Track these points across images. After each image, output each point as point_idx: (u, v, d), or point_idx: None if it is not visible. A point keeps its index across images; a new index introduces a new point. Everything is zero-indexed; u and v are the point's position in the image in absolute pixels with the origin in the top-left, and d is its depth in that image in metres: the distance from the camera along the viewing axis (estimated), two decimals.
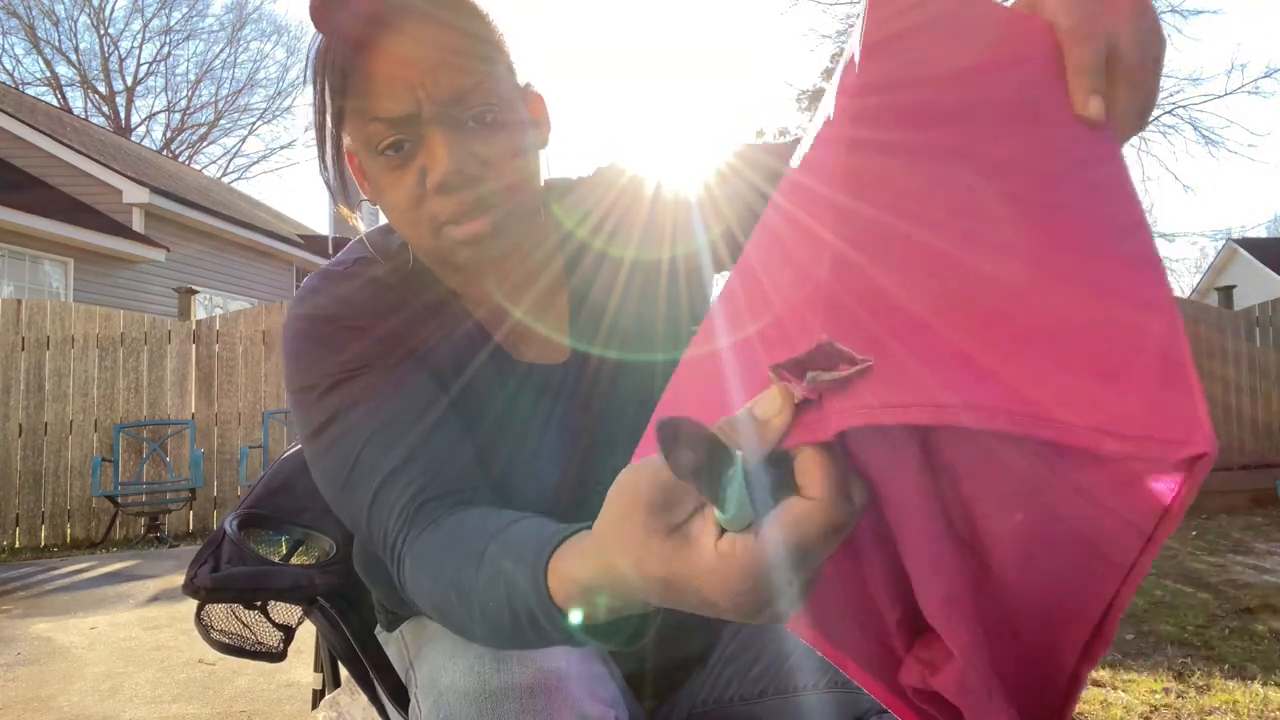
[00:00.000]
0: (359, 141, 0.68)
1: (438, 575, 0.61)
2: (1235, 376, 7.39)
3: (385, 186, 0.69)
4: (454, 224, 0.68)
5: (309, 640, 1.15)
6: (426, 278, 0.78)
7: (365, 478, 0.68)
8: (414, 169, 0.67)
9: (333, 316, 0.73)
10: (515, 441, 0.78)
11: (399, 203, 0.69)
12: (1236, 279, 14.93)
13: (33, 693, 2.75)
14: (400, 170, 0.67)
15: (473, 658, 0.63)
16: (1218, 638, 2.95)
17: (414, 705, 0.68)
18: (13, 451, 5.99)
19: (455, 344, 0.76)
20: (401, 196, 0.68)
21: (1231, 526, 5.24)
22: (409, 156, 0.67)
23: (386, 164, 0.68)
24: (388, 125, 0.66)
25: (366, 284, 0.75)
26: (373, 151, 0.68)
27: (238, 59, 26.69)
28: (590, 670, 0.65)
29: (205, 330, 6.39)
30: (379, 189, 0.71)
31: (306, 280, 0.78)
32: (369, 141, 0.67)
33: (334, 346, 0.72)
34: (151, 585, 4.42)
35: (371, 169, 0.70)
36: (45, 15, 23.28)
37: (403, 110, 0.65)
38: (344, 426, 0.70)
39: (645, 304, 0.83)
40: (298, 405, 0.73)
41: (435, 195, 0.67)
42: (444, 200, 0.67)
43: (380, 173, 0.69)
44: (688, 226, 0.84)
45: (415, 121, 0.66)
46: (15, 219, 8.27)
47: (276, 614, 1.03)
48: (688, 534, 0.40)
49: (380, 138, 0.67)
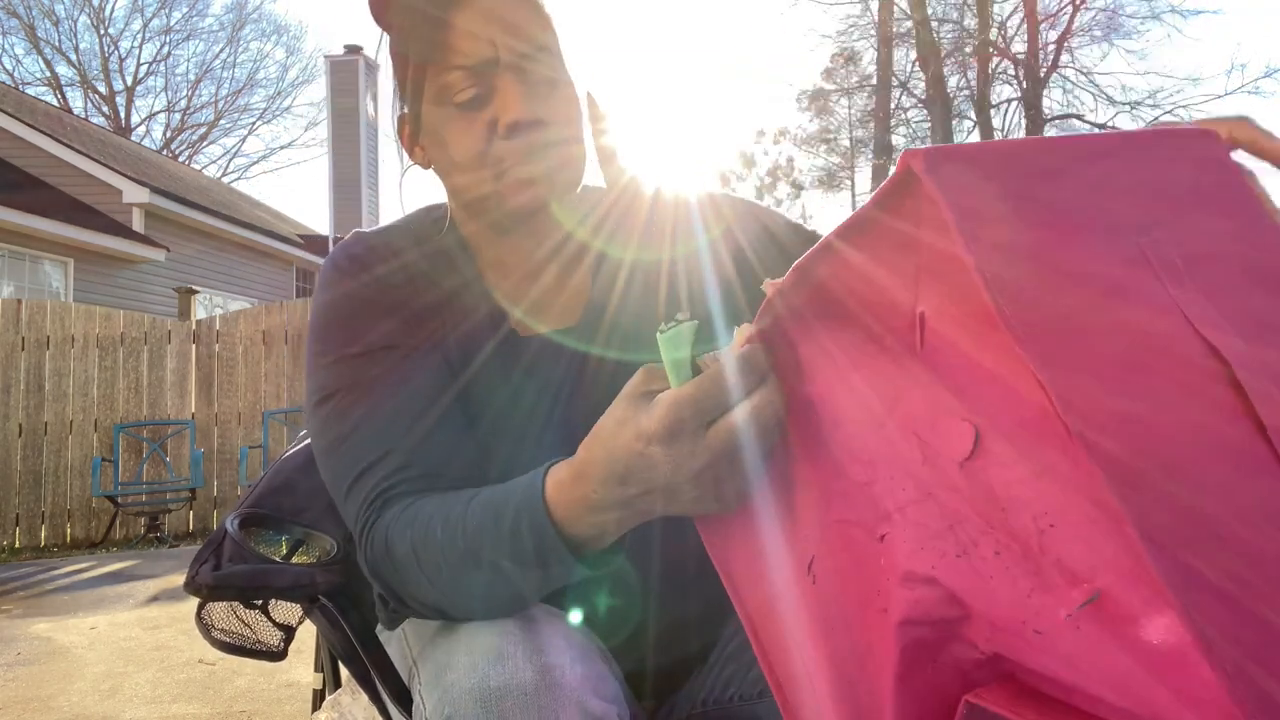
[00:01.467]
0: (431, 93, 0.74)
1: (418, 518, 0.67)
2: None
3: (452, 136, 0.74)
4: (518, 166, 0.73)
5: (309, 640, 1.15)
6: (458, 258, 0.82)
7: (351, 454, 0.73)
8: (484, 119, 0.73)
9: (364, 296, 0.78)
10: (515, 442, 0.79)
11: (465, 151, 0.74)
12: None
13: (33, 693, 2.75)
14: (470, 119, 0.73)
15: (477, 655, 0.64)
16: None
17: (417, 702, 0.68)
18: (13, 451, 5.99)
19: (473, 328, 0.80)
20: (470, 143, 0.73)
21: None
22: (481, 105, 0.73)
23: (458, 114, 0.73)
24: (466, 73, 0.72)
25: (401, 267, 0.80)
26: (445, 102, 0.74)
27: (238, 59, 26.72)
28: (592, 670, 0.66)
29: (205, 330, 6.39)
30: (442, 142, 0.75)
31: (345, 245, 0.82)
32: (443, 92, 0.73)
33: (358, 321, 0.77)
34: (151, 585, 4.42)
35: (438, 121, 0.75)
36: (45, 15, 23.28)
37: (482, 56, 0.71)
38: (346, 402, 0.75)
39: (647, 302, 0.84)
40: (311, 364, 0.79)
41: (504, 139, 0.72)
42: (511, 144, 0.72)
43: (448, 123, 0.74)
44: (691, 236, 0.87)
45: (492, 68, 0.72)
46: (15, 219, 8.27)
47: (277, 613, 1.03)
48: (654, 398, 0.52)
49: (457, 87, 0.72)
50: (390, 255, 0.80)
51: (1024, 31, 16.01)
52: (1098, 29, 15.74)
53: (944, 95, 15.41)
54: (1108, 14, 15.56)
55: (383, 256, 0.80)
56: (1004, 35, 16.19)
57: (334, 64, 13.75)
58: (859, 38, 16.96)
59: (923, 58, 15.32)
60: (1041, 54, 15.88)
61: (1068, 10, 15.55)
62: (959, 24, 16.12)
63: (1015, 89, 16.41)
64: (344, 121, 13.63)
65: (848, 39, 17.02)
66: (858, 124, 18.41)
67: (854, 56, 17.27)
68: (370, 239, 0.82)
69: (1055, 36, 15.80)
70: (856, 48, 17.17)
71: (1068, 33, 15.66)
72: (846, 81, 17.72)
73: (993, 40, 15.74)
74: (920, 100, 16.29)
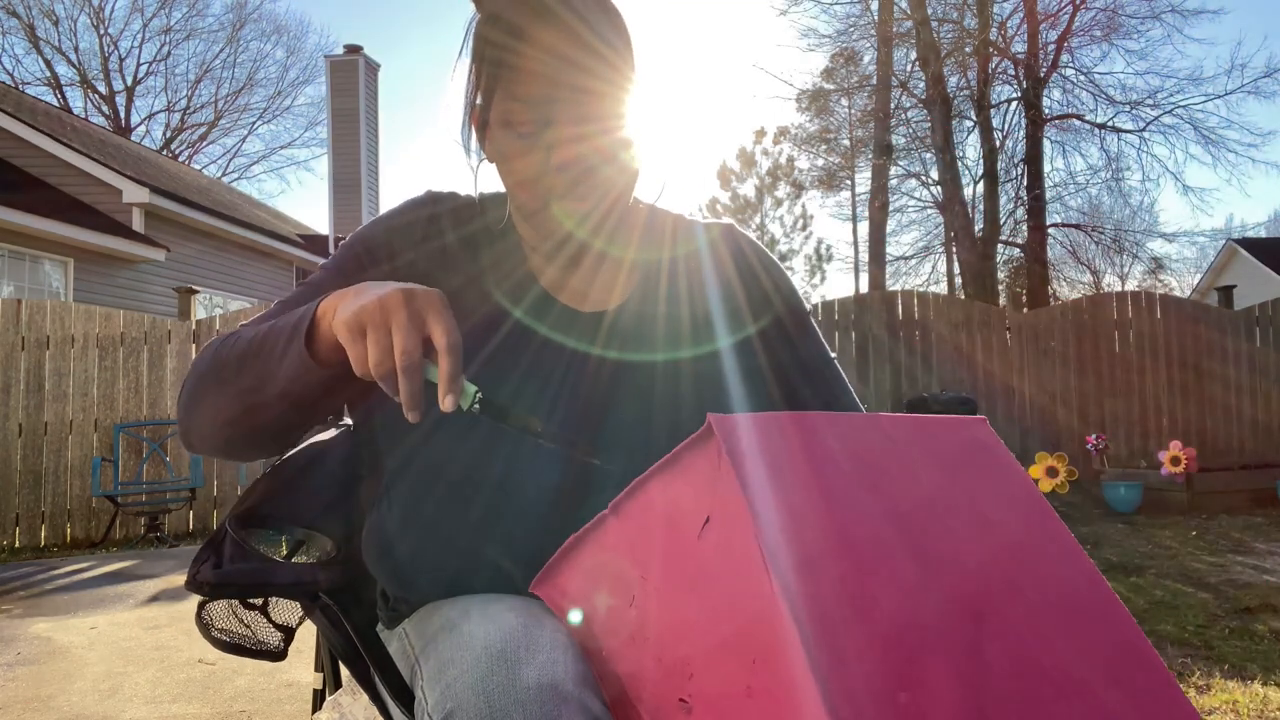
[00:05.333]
0: (498, 113, 0.79)
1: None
2: (1235, 376, 7.39)
3: (511, 156, 0.80)
4: (564, 200, 0.80)
5: (309, 640, 1.15)
6: (510, 236, 0.90)
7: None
8: (540, 147, 0.78)
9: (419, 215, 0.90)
10: (517, 440, 0.79)
11: (521, 173, 0.80)
12: (1236, 279, 14.93)
13: (33, 692, 2.75)
14: (528, 146, 0.78)
15: (479, 652, 0.64)
16: (1218, 638, 2.95)
17: (420, 699, 0.68)
18: (13, 451, 5.99)
19: (508, 289, 0.89)
20: (524, 168, 0.80)
21: (1231, 526, 5.24)
22: (538, 136, 0.78)
23: (517, 138, 0.79)
24: (526, 107, 0.77)
25: (462, 226, 0.90)
26: (508, 124, 0.79)
27: (238, 59, 26.70)
28: (592, 669, 0.66)
29: (205, 330, 6.39)
30: (504, 156, 0.82)
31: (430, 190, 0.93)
32: (506, 117, 0.78)
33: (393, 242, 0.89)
34: (151, 585, 4.42)
35: (501, 140, 0.80)
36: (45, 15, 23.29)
37: (543, 95, 0.76)
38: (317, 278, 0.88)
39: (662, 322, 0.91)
40: (340, 247, 0.91)
41: (555, 173, 0.78)
42: (562, 179, 0.79)
43: (509, 144, 0.80)
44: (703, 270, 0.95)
45: (551, 106, 0.77)
46: (15, 219, 8.27)
47: (277, 614, 1.03)
48: None
49: (517, 116, 0.78)
50: (465, 205, 0.92)
51: (1024, 31, 16.02)
52: (1098, 29, 15.75)
53: (944, 95, 15.41)
54: (1108, 14, 15.56)
55: (462, 202, 0.92)
56: (1004, 35, 16.18)
57: (334, 64, 13.74)
58: (859, 38, 16.98)
59: (923, 58, 15.31)
60: (1041, 54, 15.88)
61: (1068, 10, 15.57)
62: (959, 24, 16.11)
63: (1015, 89, 16.42)
64: (344, 121, 13.62)
65: (848, 39, 17.03)
66: (858, 124, 18.41)
67: (854, 56, 17.28)
68: (458, 195, 0.93)
69: (1055, 36, 15.81)
70: (856, 48, 17.19)
71: (1068, 33, 15.67)
72: (846, 81, 17.73)
73: (993, 40, 15.74)
74: (920, 100, 16.28)
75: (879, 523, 0.56)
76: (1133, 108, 16.04)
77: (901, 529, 0.56)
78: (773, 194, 19.24)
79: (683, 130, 4.09)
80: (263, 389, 0.77)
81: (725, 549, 0.55)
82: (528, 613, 0.71)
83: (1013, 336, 7.33)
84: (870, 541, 0.55)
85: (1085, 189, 18.21)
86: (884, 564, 0.54)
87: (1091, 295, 7.87)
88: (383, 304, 0.68)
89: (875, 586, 0.52)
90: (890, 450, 0.62)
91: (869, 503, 0.57)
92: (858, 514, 0.56)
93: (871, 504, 0.57)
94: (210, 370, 0.81)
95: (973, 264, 15.17)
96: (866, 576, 0.52)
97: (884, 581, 0.53)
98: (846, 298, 7.39)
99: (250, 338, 0.79)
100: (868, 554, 0.54)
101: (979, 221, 15.99)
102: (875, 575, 0.53)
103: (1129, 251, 18.35)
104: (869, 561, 0.53)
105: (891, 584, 0.53)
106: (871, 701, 0.46)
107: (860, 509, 0.56)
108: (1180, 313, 7.47)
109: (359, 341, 0.68)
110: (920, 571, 0.55)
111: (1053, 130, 16.82)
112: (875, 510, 0.57)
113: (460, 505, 0.82)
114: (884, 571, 0.53)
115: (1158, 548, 4.63)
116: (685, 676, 0.57)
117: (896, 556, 0.55)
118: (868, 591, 0.52)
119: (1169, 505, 5.90)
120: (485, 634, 0.66)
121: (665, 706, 0.59)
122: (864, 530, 0.55)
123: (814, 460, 0.58)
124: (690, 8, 31.93)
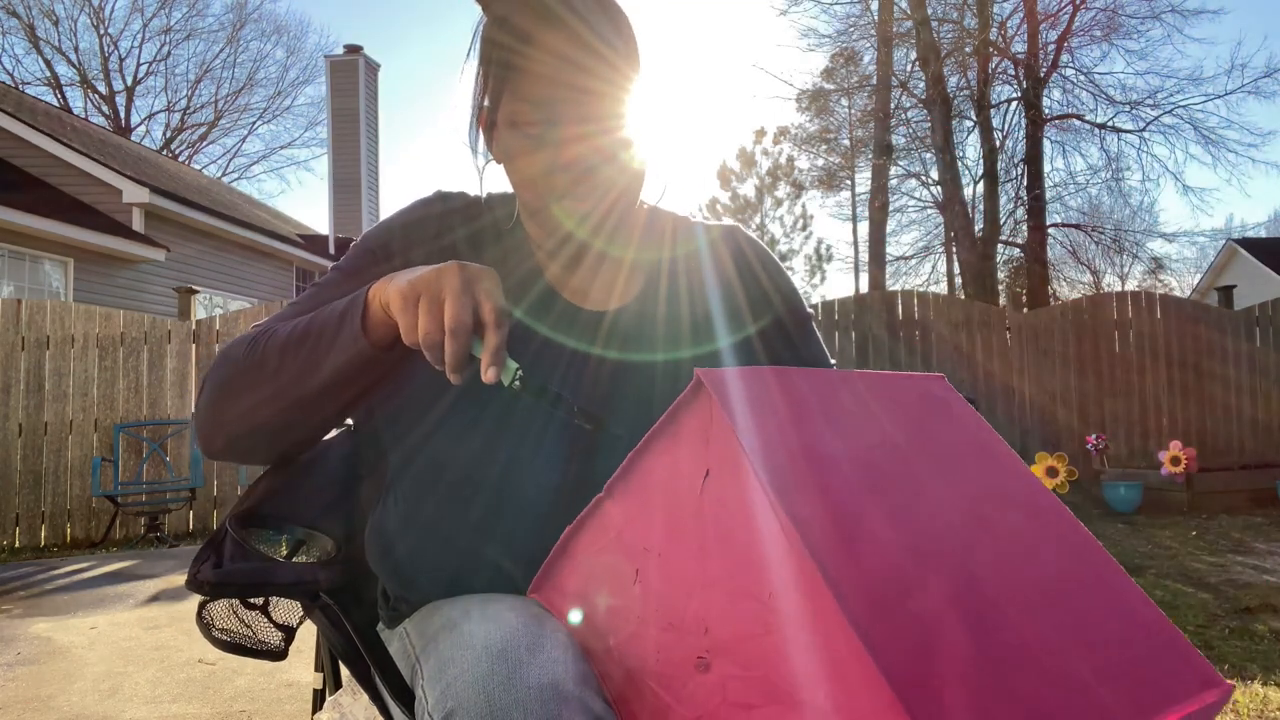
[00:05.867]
0: (504, 114, 0.81)
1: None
2: (1235, 376, 7.39)
3: (517, 155, 0.82)
4: (567, 199, 0.81)
5: (309, 640, 1.15)
6: (521, 245, 0.91)
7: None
8: (546, 147, 0.80)
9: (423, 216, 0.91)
10: (517, 440, 0.79)
11: (527, 172, 0.82)
12: (1236, 279, 14.93)
13: (33, 692, 2.75)
14: (535, 146, 0.80)
15: (479, 651, 0.64)
16: (1218, 638, 2.95)
17: (420, 698, 0.68)
18: (13, 451, 5.99)
19: (512, 284, 0.89)
20: (530, 168, 0.81)
21: (1231, 526, 5.24)
22: (543, 137, 0.79)
23: (524, 138, 0.80)
24: (532, 107, 0.78)
25: (470, 223, 0.92)
26: (515, 125, 0.80)
27: (238, 59, 26.71)
28: (593, 669, 0.66)
29: (205, 330, 6.39)
30: (510, 156, 0.83)
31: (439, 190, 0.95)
32: (512, 117, 0.80)
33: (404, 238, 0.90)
34: (151, 585, 4.42)
35: (508, 140, 0.82)
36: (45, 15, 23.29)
37: (549, 97, 0.78)
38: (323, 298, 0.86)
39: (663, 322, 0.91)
40: (350, 249, 0.92)
41: (559, 173, 0.80)
42: (564, 178, 0.80)
43: (516, 143, 0.81)
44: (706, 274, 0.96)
45: (554, 107, 0.78)
46: (15, 219, 8.27)
47: (277, 613, 1.03)
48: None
49: (523, 116, 0.79)
50: (472, 203, 0.93)
51: (1024, 31, 16.01)
52: (1098, 29, 15.74)
53: (944, 95, 15.40)
54: (1108, 14, 15.56)
55: (470, 201, 0.93)
56: (1004, 35, 16.18)
57: (334, 64, 13.75)
58: (859, 38, 16.98)
59: (923, 58, 15.31)
60: (1041, 54, 15.88)
61: (1068, 10, 15.56)
62: (959, 24, 16.11)
63: (1015, 89, 16.41)
64: (344, 121, 13.63)
65: (848, 39, 17.03)
66: (858, 124, 18.42)
67: (854, 56, 17.28)
68: (465, 195, 0.95)
69: (1055, 36, 15.81)
70: (856, 48, 17.19)
71: (1068, 33, 15.67)
72: (846, 81, 17.73)
73: (993, 40, 15.74)
74: (920, 100, 16.28)
75: (855, 463, 0.61)
76: (1133, 108, 16.05)
77: (873, 468, 0.62)
78: (773, 194, 19.25)
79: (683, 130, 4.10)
80: (304, 380, 0.77)
81: (728, 497, 0.58)
82: (528, 612, 0.71)
83: (1013, 336, 7.33)
84: (857, 472, 0.60)
85: (1085, 189, 18.23)
86: (870, 496, 0.59)
87: (1091, 295, 7.87)
88: (439, 274, 0.70)
89: (869, 515, 0.57)
90: (857, 401, 0.68)
91: (842, 447, 0.62)
92: (836, 457, 0.61)
93: (843, 448, 0.62)
94: (244, 369, 0.81)
95: (973, 264, 15.17)
96: (860, 505, 0.57)
97: (875, 509, 0.58)
98: (846, 298, 7.39)
99: (289, 331, 0.80)
100: (858, 486, 0.59)
101: (979, 221, 15.99)
102: (867, 505, 0.58)
103: (1129, 251, 18.37)
104: (859, 493, 0.59)
105: (880, 513, 0.58)
106: (885, 609, 0.51)
107: (837, 451, 0.61)
108: (1180, 313, 7.47)
109: (410, 310, 0.70)
110: (903, 502, 0.60)
111: (1053, 130, 16.83)
112: (849, 452, 0.62)
113: (461, 505, 0.82)
114: (871, 503, 0.58)
115: (1158, 548, 4.63)
116: (701, 633, 0.59)
117: (879, 490, 0.60)
118: (865, 518, 0.56)
119: (1169, 505, 5.90)
120: (486, 633, 0.66)
121: (680, 674, 0.60)
122: (847, 466, 0.60)
123: (794, 406, 0.63)
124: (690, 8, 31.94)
